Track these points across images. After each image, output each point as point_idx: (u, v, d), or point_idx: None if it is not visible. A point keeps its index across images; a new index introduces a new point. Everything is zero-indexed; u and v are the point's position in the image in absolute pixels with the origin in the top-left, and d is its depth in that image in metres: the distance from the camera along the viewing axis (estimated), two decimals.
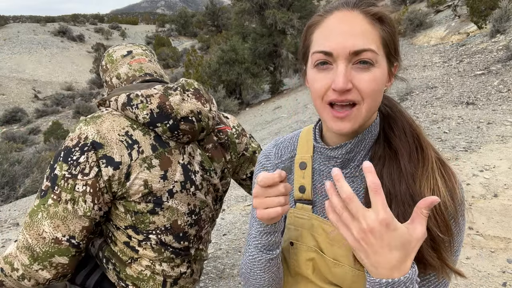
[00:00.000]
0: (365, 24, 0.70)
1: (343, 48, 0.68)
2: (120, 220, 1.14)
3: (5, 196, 5.94)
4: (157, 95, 1.12)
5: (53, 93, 27.75)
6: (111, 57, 1.34)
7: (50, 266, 1.05)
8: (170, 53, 33.92)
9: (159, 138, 1.13)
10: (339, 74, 0.68)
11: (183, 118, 1.13)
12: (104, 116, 1.11)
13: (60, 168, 1.04)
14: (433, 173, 0.74)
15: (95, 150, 1.04)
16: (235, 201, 3.79)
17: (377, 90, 0.71)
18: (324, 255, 0.79)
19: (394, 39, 0.74)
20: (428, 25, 12.47)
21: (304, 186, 0.85)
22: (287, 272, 0.89)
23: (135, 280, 1.17)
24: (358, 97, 0.70)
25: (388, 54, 0.73)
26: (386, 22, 0.72)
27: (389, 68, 0.75)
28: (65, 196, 1.02)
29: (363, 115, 0.72)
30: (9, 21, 48.59)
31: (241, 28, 17.03)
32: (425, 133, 0.81)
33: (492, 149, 3.80)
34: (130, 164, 1.06)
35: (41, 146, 14.89)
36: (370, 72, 0.69)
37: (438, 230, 0.69)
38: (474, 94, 5.88)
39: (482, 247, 2.36)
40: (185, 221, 1.19)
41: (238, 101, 14.10)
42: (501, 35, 8.22)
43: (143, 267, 1.17)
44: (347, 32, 0.69)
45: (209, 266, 2.52)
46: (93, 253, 1.26)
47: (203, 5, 39.76)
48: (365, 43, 0.69)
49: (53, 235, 1.03)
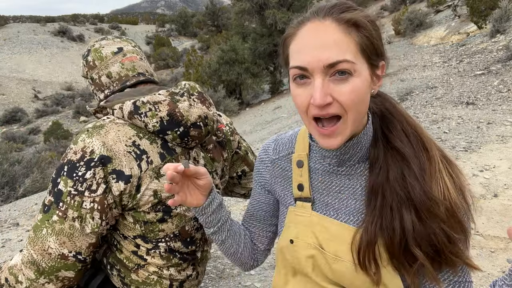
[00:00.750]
0: (338, 33, 0.67)
1: (317, 62, 0.66)
2: (128, 230, 1.11)
3: (5, 196, 5.94)
4: (165, 102, 1.09)
5: (53, 93, 27.74)
6: (99, 53, 1.26)
7: (56, 280, 1.03)
8: (170, 53, 33.90)
9: (166, 145, 1.10)
10: (316, 89, 0.67)
11: (192, 125, 1.10)
12: (108, 125, 1.06)
13: (64, 183, 1.00)
14: (440, 174, 0.73)
15: (103, 166, 1.00)
16: (235, 201, 3.79)
17: (359, 100, 0.69)
18: (324, 251, 0.79)
19: (374, 42, 0.70)
20: (428, 25, 12.47)
21: (302, 184, 0.86)
22: (287, 271, 0.89)
23: (140, 285, 1.16)
24: (341, 109, 0.69)
25: (368, 58, 0.70)
26: (362, 27, 0.69)
27: (373, 71, 0.72)
28: (72, 213, 0.99)
29: (349, 127, 0.71)
30: (9, 21, 48.57)
31: (241, 28, 17.04)
32: (427, 132, 0.80)
33: (492, 149, 3.80)
34: (140, 176, 1.03)
35: (41, 146, 14.90)
36: (349, 83, 0.67)
37: (453, 231, 0.70)
38: (474, 94, 5.88)
39: (482, 247, 2.36)
40: (192, 226, 1.19)
41: (238, 101, 14.10)
42: (501, 35, 8.22)
43: (150, 272, 1.15)
44: (320, 45, 0.67)
45: (209, 266, 2.52)
46: (97, 258, 1.25)
47: (203, 5, 39.77)
48: (339, 54, 0.66)
49: (59, 251, 1.00)
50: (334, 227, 0.80)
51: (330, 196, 0.83)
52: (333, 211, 0.82)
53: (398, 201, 0.73)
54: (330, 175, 0.83)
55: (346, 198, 0.81)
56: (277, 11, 14.37)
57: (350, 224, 0.79)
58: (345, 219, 0.80)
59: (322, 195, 0.84)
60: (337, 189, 0.82)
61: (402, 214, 0.72)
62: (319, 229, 0.81)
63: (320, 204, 0.84)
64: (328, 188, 0.83)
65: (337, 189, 0.82)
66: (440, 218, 0.70)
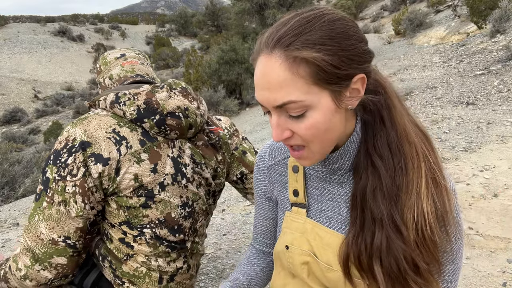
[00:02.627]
0: (283, 72, 0.61)
1: (267, 103, 0.65)
2: (114, 217, 1.16)
3: (5, 196, 5.94)
4: (144, 92, 1.16)
5: (53, 93, 27.71)
6: (105, 59, 1.39)
7: (50, 267, 1.07)
8: (170, 53, 33.89)
9: (146, 134, 1.16)
10: (272, 126, 0.67)
11: (169, 114, 1.15)
12: (91, 116, 1.14)
13: (51, 171, 1.07)
14: (418, 199, 0.67)
15: (83, 150, 1.07)
16: (235, 201, 3.79)
17: (320, 132, 0.65)
18: (317, 259, 0.78)
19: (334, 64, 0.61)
20: (428, 25, 12.47)
21: (297, 190, 0.85)
22: (286, 273, 0.88)
23: (131, 277, 1.18)
24: (302, 141, 0.67)
25: (328, 85, 0.63)
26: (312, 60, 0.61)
27: (337, 95, 0.64)
28: (57, 198, 1.05)
29: (316, 154, 0.70)
30: (9, 21, 48.57)
31: (241, 28, 17.04)
32: (420, 147, 0.71)
33: (492, 149, 3.80)
34: (119, 160, 1.09)
35: (41, 146, 14.88)
36: (305, 119, 0.64)
37: (423, 261, 0.67)
38: (474, 94, 5.88)
39: (482, 247, 2.36)
40: (179, 214, 1.21)
41: (238, 101, 14.08)
42: (501, 35, 8.22)
43: (138, 263, 1.18)
44: (267, 86, 0.64)
45: (209, 266, 2.52)
46: (89, 251, 1.27)
47: (203, 5, 39.75)
48: (284, 96, 0.62)
49: (50, 236, 1.06)
50: (327, 235, 0.79)
51: (323, 203, 0.82)
52: (326, 219, 0.80)
53: (371, 217, 0.70)
54: (323, 182, 0.81)
55: (338, 206, 0.80)
56: (277, 11, 14.38)
57: (342, 232, 0.77)
58: (337, 227, 0.79)
59: (317, 201, 0.83)
60: (330, 197, 0.81)
61: (374, 230, 0.70)
62: (313, 236, 0.80)
63: (315, 210, 0.83)
64: (321, 195, 0.82)
65: (329, 197, 0.81)
66: (407, 244, 0.67)
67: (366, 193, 0.71)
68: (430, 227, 0.66)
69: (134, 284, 1.18)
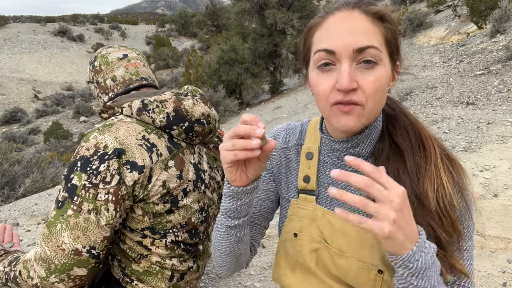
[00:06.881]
0: (366, 23, 0.70)
1: (346, 46, 0.67)
2: (136, 223, 1.14)
3: (5, 196, 5.93)
4: (171, 99, 1.17)
5: (53, 93, 27.73)
6: (105, 58, 1.35)
7: (68, 279, 1.03)
8: (170, 53, 33.89)
9: (171, 140, 1.17)
10: (343, 73, 0.67)
11: (196, 121, 1.19)
12: (117, 124, 1.11)
13: (78, 178, 1.02)
14: (437, 171, 0.73)
15: (118, 158, 1.04)
16: None
17: (381, 90, 0.70)
18: (329, 246, 0.79)
19: (396, 38, 0.73)
20: (428, 25, 12.47)
21: (309, 176, 0.85)
22: (286, 265, 0.88)
23: (141, 275, 1.18)
24: (363, 97, 0.68)
25: (391, 52, 0.73)
26: (388, 21, 0.72)
27: (392, 67, 0.75)
28: (87, 206, 1.01)
29: (366, 115, 0.71)
30: (9, 21, 48.58)
31: (241, 28, 17.01)
32: (429, 131, 0.80)
33: (492, 149, 3.80)
34: (152, 167, 1.08)
35: (41, 146, 14.89)
36: (374, 71, 0.68)
37: (444, 231, 0.69)
38: (474, 94, 5.88)
39: (482, 247, 2.36)
40: (197, 218, 1.23)
41: (238, 101, 14.09)
42: (501, 35, 8.23)
43: (152, 262, 1.18)
44: (349, 30, 0.69)
45: (209, 266, 2.52)
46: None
47: (203, 5, 39.75)
48: (368, 40, 0.68)
49: (73, 247, 1.01)
50: (338, 222, 0.79)
51: None
52: (338, 206, 0.81)
53: None
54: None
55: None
56: (277, 11, 14.36)
57: None
58: None
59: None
60: (344, 184, 0.81)
61: None
62: (323, 223, 0.81)
63: (325, 198, 0.83)
64: (334, 183, 0.83)
65: (343, 184, 0.81)
66: (429, 215, 0.70)
67: (388, 174, 0.72)
68: (450, 195, 0.71)
69: (143, 281, 1.18)
